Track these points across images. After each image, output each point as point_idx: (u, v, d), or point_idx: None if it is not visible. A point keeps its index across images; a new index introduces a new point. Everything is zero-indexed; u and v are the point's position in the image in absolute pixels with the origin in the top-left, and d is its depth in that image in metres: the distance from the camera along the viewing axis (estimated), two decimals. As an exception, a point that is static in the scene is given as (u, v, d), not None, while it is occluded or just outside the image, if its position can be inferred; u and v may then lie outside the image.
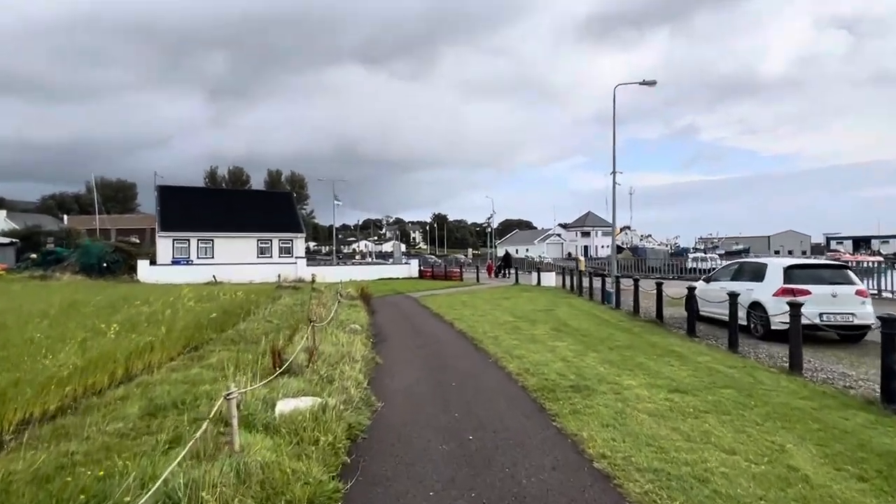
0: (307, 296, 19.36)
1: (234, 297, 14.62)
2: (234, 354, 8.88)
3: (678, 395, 6.67)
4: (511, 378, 7.64)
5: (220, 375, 7.19)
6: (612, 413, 5.89)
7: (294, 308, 14.26)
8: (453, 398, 6.64)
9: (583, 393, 6.70)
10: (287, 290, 22.41)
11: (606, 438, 5.09)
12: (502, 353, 9.38)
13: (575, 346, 10.12)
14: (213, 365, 8.08)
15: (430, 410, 6.19)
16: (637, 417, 5.75)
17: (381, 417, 5.93)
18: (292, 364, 7.06)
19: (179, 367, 8.13)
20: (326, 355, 8.35)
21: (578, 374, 7.71)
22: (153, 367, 8.08)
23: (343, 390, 6.38)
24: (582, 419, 5.71)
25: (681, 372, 7.96)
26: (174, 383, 6.81)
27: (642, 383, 7.26)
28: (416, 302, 19.56)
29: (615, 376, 7.63)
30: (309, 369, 7.15)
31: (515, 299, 19.53)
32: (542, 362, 8.54)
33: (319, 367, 7.50)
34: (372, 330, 12.42)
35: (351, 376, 7.27)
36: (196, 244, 38.65)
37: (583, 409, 6.07)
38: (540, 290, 24.43)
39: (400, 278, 36.00)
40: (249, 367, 7.33)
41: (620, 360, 8.82)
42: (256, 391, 5.80)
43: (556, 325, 12.93)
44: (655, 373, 7.87)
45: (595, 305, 17.80)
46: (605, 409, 6.05)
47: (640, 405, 6.19)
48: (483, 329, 12.21)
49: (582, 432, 5.29)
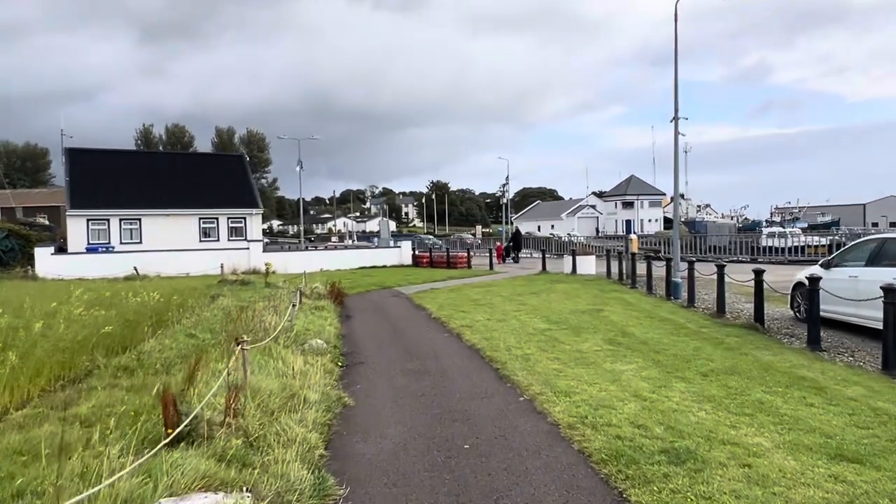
0: (258, 294, 17.71)
1: (150, 298, 12.92)
2: (121, 395, 7.21)
3: (848, 466, 4.96)
4: (559, 434, 5.93)
5: (80, 439, 5.51)
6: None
7: (233, 314, 12.58)
8: (470, 482, 4.93)
9: (686, 466, 4.98)
10: (232, 287, 20.76)
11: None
12: (540, 384, 7.67)
13: (648, 370, 8.41)
14: (81, 417, 6.41)
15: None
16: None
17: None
18: (198, 420, 5.35)
19: (28, 419, 6.45)
20: (263, 396, 6.67)
21: (668, 426, 6.00)
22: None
23: (279, 475, 4.67)
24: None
25: (831, 417, 6.26)
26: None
27: (778, 442, 5.55)
28: (408, 301, 17.87)
29: (729, 428, 5.93)
30: (226, 428, 5.44)
31: (546, 294, 17.83)
32: (603, 402, 6.84)
33: (246, 421, 5.80)
34: (342, 347, 10.72)
35: (296, 438, 5.57)
36: (118, 225, 37.04)
37: (694, 500, 4.36)
38: (577, 279, 22.73)
39: (388, 266, 34.34)
40: (136, 422, 5.66)
41: (726, 395, 7.11)
42: (118, 486, 4.09)
43: (611, 334, 11.22)
44: (791, 420, 6.16)
45: (658, 302, 16.10)
46: (737, 503, 4.34)
47: (795, 492, 4.46)
48: (506, 343, 10.50)
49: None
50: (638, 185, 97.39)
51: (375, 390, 7.83)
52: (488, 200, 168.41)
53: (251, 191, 42.56)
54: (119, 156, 43.07)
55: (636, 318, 13.08)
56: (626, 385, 7.62)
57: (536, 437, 5.91)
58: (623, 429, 5.93)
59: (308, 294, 16.51)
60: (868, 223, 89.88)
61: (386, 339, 11.60)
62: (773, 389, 7.34)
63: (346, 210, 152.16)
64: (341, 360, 9.62)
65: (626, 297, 16.96)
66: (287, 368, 8.09)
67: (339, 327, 12.74)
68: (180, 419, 5.27)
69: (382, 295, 19.97)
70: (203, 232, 39.12)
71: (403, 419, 6.59)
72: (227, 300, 16.07)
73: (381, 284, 22.92)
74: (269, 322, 11.66)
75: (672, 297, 16.65)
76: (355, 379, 8.45)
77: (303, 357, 9.00)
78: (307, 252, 41.10)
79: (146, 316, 11.90)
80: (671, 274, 17.23)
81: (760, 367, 8.46)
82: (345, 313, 15.32)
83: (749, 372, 8.21)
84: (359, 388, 7.86)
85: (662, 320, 12.83)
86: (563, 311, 14.25)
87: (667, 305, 15.48)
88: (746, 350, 9.70)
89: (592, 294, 17.72)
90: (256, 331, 10.70)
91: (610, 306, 15.05)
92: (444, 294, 19.05)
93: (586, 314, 13.79)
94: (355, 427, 6.36)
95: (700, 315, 13.84)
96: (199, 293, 17.08)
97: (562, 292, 18.28)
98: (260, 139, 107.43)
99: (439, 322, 13.43)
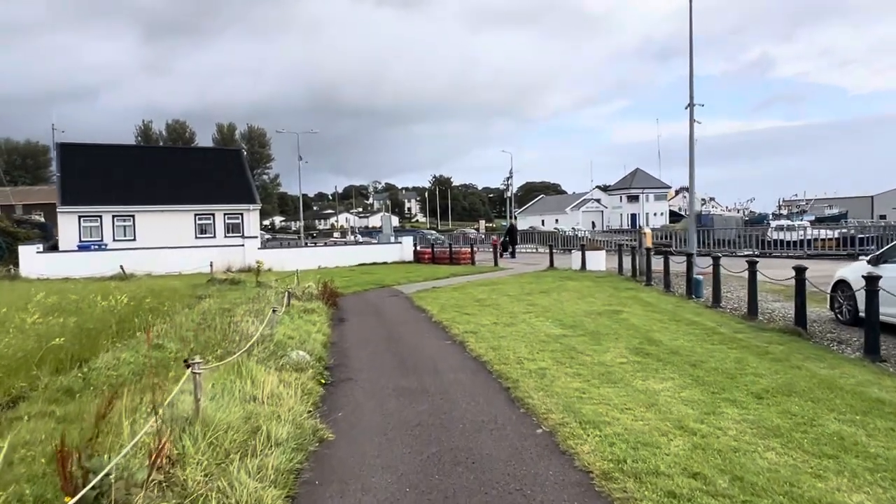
0: (246, 295, 16.33)
1: (117, 303, 11.52)
2: (50, 427, 5.85)
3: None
4: (594, 488, 4.53)
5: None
6: None
7: (212, 320, 11.19)
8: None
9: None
10: (221, 286, 19.39)
11: None
12: (561, 410, 6.27)
13: (688, 389, 7.01)
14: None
15: None
16: None
17: None
18: (112, 478, 3.96)
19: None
20: (219, 432, 5.30)
21: (733, 475, 4.60)
22: None
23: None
24: None
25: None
26: None
27: (881, 500, 4.16)
28: (407, 302, 16.46)
29: (814, 478, 4.54)
30: (147, 490, 4.05)
31: (557, 293, 16.40)
32: (643, 436, 5.44)
33: (186, 472, 4.42)
34: (329, 358, 9.33)
35: (248, 500, 4.18)
36: (111, 222, 35.64)
37: None
38: (587, 276, 21.28)
39: (389, 263, 32.93)
40: (47, 471, 4.31)
41: (792, 426, 5.71)
42: None
43: (635, 341, 9.81)
44: (889, 464, 4.76)
45: (680, 301, 14.67)
46: None
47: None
48: (516, 353, 9.10)
49: None
50: (643, 178, 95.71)
51: (362, 418, 6.43)
52: (491, 195, 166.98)
53: (249, 186, 41.10)
54: (112, 151, 41.56)
55: (660, 322, 11.66)
56: (666, 411, 6.22)
57: (563, 491, 4.51)
58: (676, 480, 4.53)
59: (298, 295, 15.13)
60: (876, 215, 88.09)
61: (380, 349, 10.20)
62: (849, 417, 5.93)
63: (348, 206, 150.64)
64: (325, 376, 8.22)
65: (643, 296, 15.53)
66: (257, 390, 6.70)
67: (328, 334, 11.35)
68: (87, 478, 3.90)
69: (380, 295, 18.57)
70: (199, 228, 37.69)
71: (393, 462, 5.20)
72: (211, 302, 14.70)
73: (379, 283, 21.50)
74: (248, 328, 10.30)
75: (693, 296, 15.23)
76: (339, 402, 7.06)
77: (279, 374, 7.62)
78: (306, 249, 39.75)
79: (111, 323, 10.51)
80: (691, 270, 15.80)
81: (822, 386, 7.04)
82: (338, 316, 13.93)
83: (810, 392, 6.79)
84: (341, 416, 6.46)
85: (690, 323, 11.41)
86: (578, 313, 12.84)
87: (689, 305, 14.06)
88: (797, 361, 8.28)
89: (607, 293, 16.28)
90: (232, 340, 9.36)
91: (628, 307, 13.63)
92: (446, 293, 17.63)
93: (603, 316, 12.38)
94: (331, 474, 4.97)
95: (729, 317, 12.42)
96: (181, 294, 15.71)
97: (573, 291, 16.85)
98: (261, 135, 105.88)
99: (440, 327, 12.03)
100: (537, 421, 6.09)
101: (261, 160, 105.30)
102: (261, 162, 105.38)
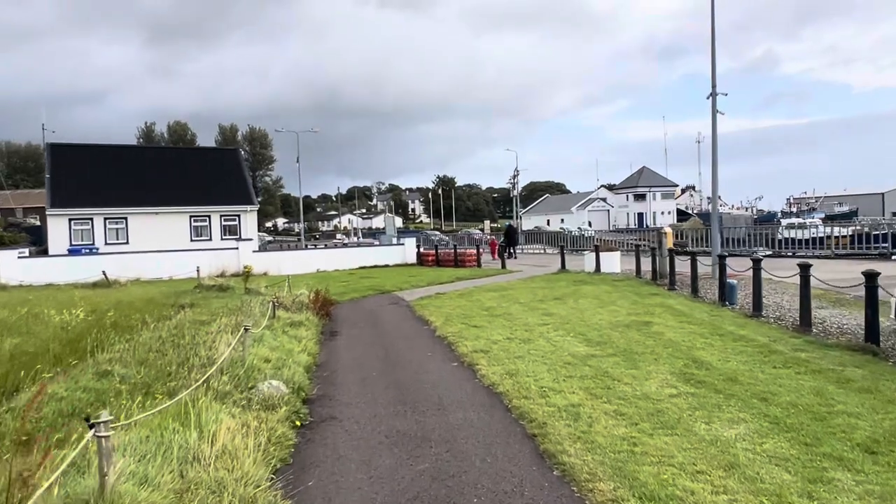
0: (232, 304, 14.69)
1: (71, 318, 9.89)
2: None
3: None
4: None
5: None
6: None
7: (181, 338, 9.55)
8: None
9: None
10: (208, 293, 17.74)
11: None
12: (610, 475, 4.60)
13: (769, 438, 5.32)
14: None
15: None
16: None
17: None
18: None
19: None
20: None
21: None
22: None
23: None
24: None
25: None
26: None
27: None
28: (409, 311, 14.78)
29: None
30: None
31: (574, 300, 14.70)
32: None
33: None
34: (311, 389, 7.66)
35: None
36: (103, 224, 34.09)
37: None
38: (603, 279, 19.56)
39: (391, 266, 31.24)
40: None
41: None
42: None
43: (678, 362, 8.13)
44: None
45: (714, 309, 12.94)
46: None
47: None
48: (538, 381, 7.42)
49: None
50: (650, 176, 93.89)
51: (342, 487, 4.77)
52: (496, 195, 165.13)
53: (246, 186, 39.49)
54: (105, 151, 39.91)
55: (700, 336, 9.96)
56: (754, 476, 4.54)
57: None
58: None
59: (287, 305, 13.48)
60: (887, 212, 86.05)
61: (373, 374, 8.54)
62: None
63: (352, 207, 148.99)
64: (303, 414, 6.56)
65: (671, 303, 13.83)
66: (204, 445, 5.05)
67: (315, 353, 9.70)
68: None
69: (379, 302, 16.90)
70: (194, 231, 36.12)
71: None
72: (189, 313, 13.05)
73: (379, 288, 19.82)
74: (220, 349, 8.65)
75: (727, 303, 13.53)
76: (314, 457, 5.40)
77: (243, 416, 5.98)
78: (305, 251, 38.10)
79: (62, 343, 8.88)
80: (724, 274, 14.09)
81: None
82: (329, 329, 12.29)
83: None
84: (313, 486, 4.78)
85: (736, 338, 9.70)
86: (602, 325, 11.16)
87: (727, 314, 12.34)
88: (890, 393, 6.58)
89: (630, 299, 14.58)
90: (192, 366, 7.70)
91: (658, 316, 11.94)
92: (451, 301, 15.94)
93: (632, 329, 10.70)
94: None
95: (778, 329, 10.71)
96: (157, 304, 14.07)
97: (592, 297, 15.15)
98: (263, 136, 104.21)
99: (445, 343, 10.36)
100: (580, 493, 4.43)
101: (263, 161, 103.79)
102: (263, 163, 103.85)
